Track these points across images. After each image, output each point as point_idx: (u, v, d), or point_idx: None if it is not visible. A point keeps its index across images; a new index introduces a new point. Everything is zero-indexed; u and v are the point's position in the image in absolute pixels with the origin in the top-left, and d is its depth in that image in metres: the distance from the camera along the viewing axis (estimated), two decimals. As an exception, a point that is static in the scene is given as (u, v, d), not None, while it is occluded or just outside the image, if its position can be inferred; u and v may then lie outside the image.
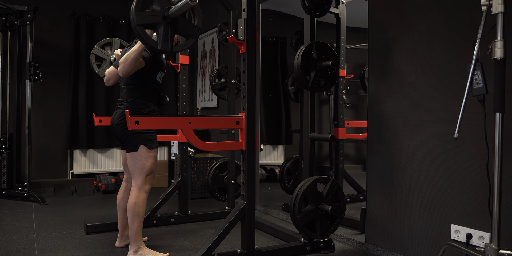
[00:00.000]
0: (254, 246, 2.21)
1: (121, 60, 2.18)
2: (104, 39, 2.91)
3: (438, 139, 2.09)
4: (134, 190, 2.29)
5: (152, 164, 2.32)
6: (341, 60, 2.83)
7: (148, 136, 2.30)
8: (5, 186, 3.91)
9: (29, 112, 4.02)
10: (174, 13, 1.87)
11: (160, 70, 2.39)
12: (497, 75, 1.46)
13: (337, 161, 2.88)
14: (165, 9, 1.88)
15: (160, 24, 1.87)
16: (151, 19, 1.86)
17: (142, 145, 2.27)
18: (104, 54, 2.88)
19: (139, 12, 1.82)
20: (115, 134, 2.36)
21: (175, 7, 1.86)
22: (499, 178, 1.48)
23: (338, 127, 2.85)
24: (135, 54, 2.12)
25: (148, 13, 1.85)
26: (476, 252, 1.57)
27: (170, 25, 1.89)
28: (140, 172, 2.29)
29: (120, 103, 2.35)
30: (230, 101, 3.19)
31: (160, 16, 1.87)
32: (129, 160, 2.31)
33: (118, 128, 2.31)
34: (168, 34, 1.89)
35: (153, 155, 2.33)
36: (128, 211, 2.27)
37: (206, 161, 4.09)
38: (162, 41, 1.88)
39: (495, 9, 1.46)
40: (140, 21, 1.82)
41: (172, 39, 1.92)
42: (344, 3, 2.80)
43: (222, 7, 3.15)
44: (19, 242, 2.58)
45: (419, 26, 2.18)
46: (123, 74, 2.18)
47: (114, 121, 2.34)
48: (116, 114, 2.35)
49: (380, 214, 2.41)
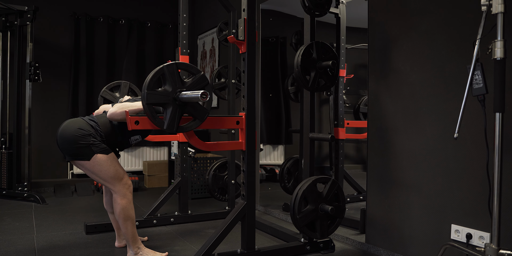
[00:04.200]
0: (254, 246, 2.21)
1: (119, 105, 2.16)
2: (113, 82, 2.89)
3: (438, 139, 2.09)
4: (116, 198, 2.21)
5: (118, 168, 2.21)
6: (341, 60, 2.83)
7: (98, 145, 2.17)
8: (5, 186, 3.91)
9: (29, 112, 4.02)
10: (184, 99, 1.89)
11: (140, 134, 2.38)
12: (497, 75, 1.46)
13: (337, 161, 2.88)
14: (176, 91, 1.89)
15: (170, 104, 1.88)
16: (162, 99, 1.86)
17: (97, 154, 2.15)
18: (112, 97, 2.84)
19: (151, 91, 1.83)
20: (65, 146, 2.16)
21: (185, 95, 1.87)
22: (499, 178, 1.48)
23: (338, 127, 2.85)
24: (132, 110, 2.08)
25: (160, 93, 1.86)
26: (476, 252, 1.57)
27: (179, 107, 1.90)
28: (111, 180, 2.20)
29: (90, 119, 2.25)
30: (230, 101, 3.19)
31: (171, 97, 1.88)
32: (90, 174, 2.20)
33: (74, 140, 2.12)
34: (176, 116, 1.89)
35: (111, 158, 2.20)
36: (119, 218, 2.22)
37: (206, 161, 4.09)
38: (168, 122, 1.88)
39: (495, 9, 1.46)
40: (150, 100, 1.83)
41: (179, 120, 1.92)
42: (344, 3, 2.80)
43: (222, 7, 3.15)
44: (19, 242, 2.58)
45: (419, 26, 2.18)
46: (110, 118, 2.18)
47: (71, 125, 2.17)
48: (75, 120, 2.21)
49: (380, 214, 2.41)
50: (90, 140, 2.14)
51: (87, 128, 2.17)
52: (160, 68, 1.87)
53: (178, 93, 1.89)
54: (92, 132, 2.17)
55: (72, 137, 2.12)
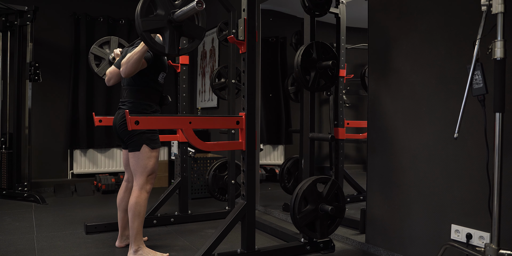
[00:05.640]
0: (254, 246, 2.21)
1: (124, 61, 2.18)
2: (102, 38, 2.91)
3: (438, 139, 2.09)
4: (135, 190, 2.30)
5: (154, 164, 2.33)
6: (341, 60, 2.83)
7: (150, 136, 2.31)
8: (5, 186, 3.91)
9: (29, 112, 4.02)
10: (180, 17, 1.86)
11: (162, 71, 2.39)
12: (497, 75, 1.46)
13: (337, 161, 2.88)
14: (169, 13, 1.86)
15: (166, 28, 1.86)
16: (157, 24, 1.84)
17: (145, 145, 2.28)
18: (102, 53, 2.88)
19: (144, 17, 1.81)
20: (118, 134, 2.36)
21: (181, 11, 1.85)
22: (499, 178, 1.48)
23: (338, 127, 2.85)
24: (137, 56, 2.12)
25: (153, 18, 1.84)
26: (476, 252, 1.57)
27: (176, 28, 1.88)
28: (142, 172, 2.29)
29: (123, 103, 2.35)
30: (230, 101, 3.19)
31: (165, 21, 1.86)
32: (131, 159, 2.32)
33: (121, 129, 2.31)
34: (174, 38, 1.88)
35: (155, 155, 2.34)
36: (129, 211, 2.27)
37: (206, 161, 4.09)
38: (169, 45, 1.86)
39: (495, 9, 1.46)
40: (146, 27, 1.81)
41: (178, 43, 1.91)
42: (344, 3, 2.80)
43: (222, 7, 3.15)
44: (19, 242, 2.58)
45: (419, 26, 2.18)
46: (125, 75, 2.19)
47: (117, 122, 2.34)
48: (118, 114, 2.35)
49: (380, 214, 2.41)
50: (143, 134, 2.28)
51: None
52: None
53: (171, 14, 1.86)
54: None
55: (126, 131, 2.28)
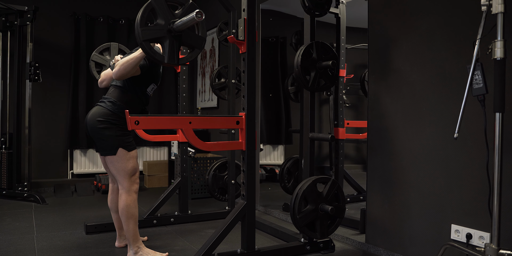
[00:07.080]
0: (254, 246, 2.21)
1: (119, 63, 2.14)
2: (102, 45, 2.90)
3: (438, 139, 2.09)
4: (122, 194, 2.24)
5: (134, 164, 2.25)
6: (341, 60, 2.83)
7: (125, 138, 2.22)
8: (5, 186, 3.91)
9: (29, 112, 4.02)
10: (179, 27, 1.86)
11: (153, 82, 2.36)
12: (497, 75, 1.46)
13: (337, 161, 2.88)
14: (169, 22, 1.86)
15: (166, 37, 1.87)
16: (156, 34, 1.84)
17: (121, 148, 2.19)
18: (103, 60, 2.86)
19: (144, 27, 1.81)
20: (89, 133, 2.23)
21: (180, 21, 1.84)
22: (499, 178, 1.48)
23: (338, 127, 2.85)
24: (133, 61, 2.10)
25: (153, 28, 1.84)
26: (476, 252, 1.57)
27: (176, 38, 1.88)
28: (124, 175, 2.22)
29: (102, 101, 2.26)
30: (230, 101, 3.19)
31: (165, 30, 1.86)
32: (109, 164, 2.23)
33: (94, 127, 2.18)
34: (174, 48, 1.87)
35: (134, 155, 2.25)
36: (121, 215, 2.24)
37: (206, 161, 4.09)
38: (168, 55, 1.86)
39: (495, 9, 1.46)
40: (145, 36, 1.81)
41: (178, 52, 1.90)
42: (344, 3, 2.80)
43: (222, 7, 3.15)
44: (19, 242, 2.58)
45: (419, 26, 2.18)
46: (117, 77, 2.15)
47: (91, 118, 2.20)
48: (94, 112, 2.22)
49: (380, 214, 2.41)
50: (115, 131, 2.18)
51: (106, 116, 2.18)
52: (148, 3, 1.84)
53: (171, 24, 1.85)
54: (111, 119, 2.19)
55: (97, 130, 2.18)
